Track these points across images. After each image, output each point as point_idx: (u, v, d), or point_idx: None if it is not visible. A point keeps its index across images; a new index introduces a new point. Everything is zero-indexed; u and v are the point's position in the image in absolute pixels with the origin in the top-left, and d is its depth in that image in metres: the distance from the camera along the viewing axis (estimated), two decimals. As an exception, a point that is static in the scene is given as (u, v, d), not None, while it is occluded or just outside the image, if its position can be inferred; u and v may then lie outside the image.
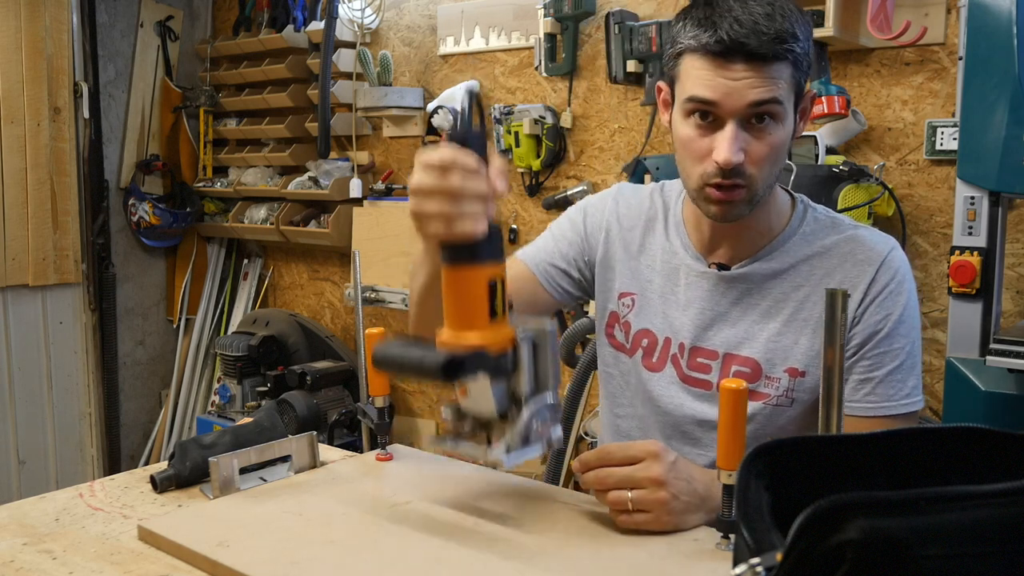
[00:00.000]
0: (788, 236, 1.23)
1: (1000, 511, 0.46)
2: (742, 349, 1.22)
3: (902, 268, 1.19)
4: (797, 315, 1.20)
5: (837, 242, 1.22)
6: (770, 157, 1.13)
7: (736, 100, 1.09)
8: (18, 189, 3.25)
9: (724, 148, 1.10)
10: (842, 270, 1.19)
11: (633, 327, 1.32)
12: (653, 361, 1.29)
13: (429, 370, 0.93)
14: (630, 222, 1.35)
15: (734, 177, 1.12)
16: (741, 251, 1.24)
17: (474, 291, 0.95)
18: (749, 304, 1.23)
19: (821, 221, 1.25)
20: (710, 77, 1.10)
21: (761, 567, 0.48)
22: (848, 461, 0.58)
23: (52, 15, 3.28)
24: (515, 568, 0.90)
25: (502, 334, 0.97)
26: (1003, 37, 1.68)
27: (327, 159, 3.33)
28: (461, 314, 0.96)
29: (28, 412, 3.36)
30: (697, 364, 1.26)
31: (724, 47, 1.08)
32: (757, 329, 1.22)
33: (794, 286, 1.21)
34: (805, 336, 1.19)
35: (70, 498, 1.13)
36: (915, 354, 1.18)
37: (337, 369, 3.23)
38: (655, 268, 1.31)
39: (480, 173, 0.92)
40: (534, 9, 2.74)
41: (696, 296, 1.26)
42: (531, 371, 1.00)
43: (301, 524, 1.01)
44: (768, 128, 1.11)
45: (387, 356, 0.98)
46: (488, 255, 0.96)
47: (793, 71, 1.10)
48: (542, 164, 2.80)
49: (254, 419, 1.25)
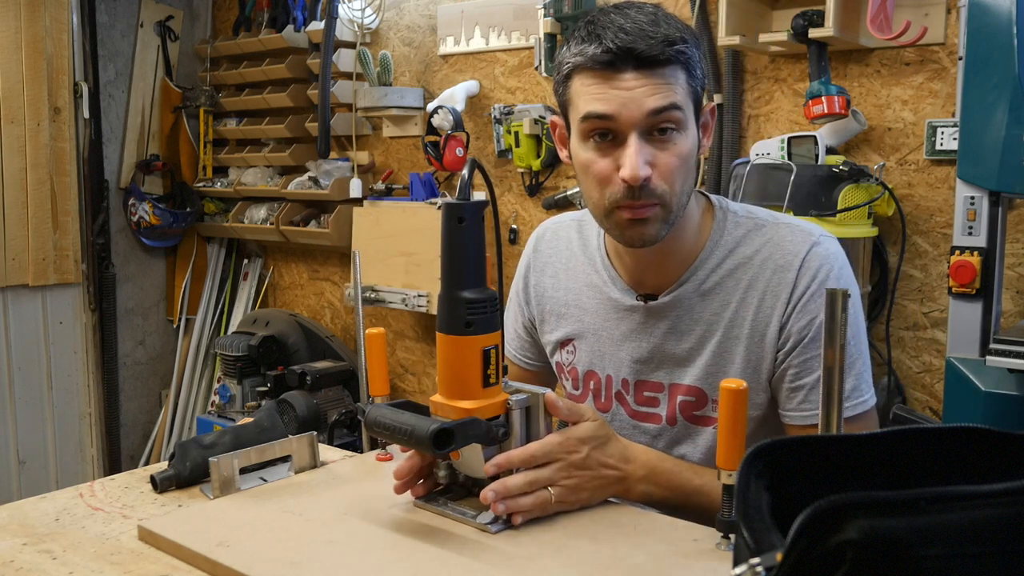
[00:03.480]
0: (710, 251, 1.18)
1: (1000, 511, 0.46)
2: (684, 378, 1.20)
3: (824, 265, 1.13)
4: (730, 333, 1.16)
5: (758, 248, 1.17)
6: (679, 169, 1.08)
7: (633, 110, 1.04)
8: (18, 189, 3.25)
9: (629, 163, 1.05)
10: (763, 278, 1.15)
11: (579, 371, 1.29)
12: (602, 402, 1.28)
13: (419, 440, 0.92)
14: (553, 269, 1.33)
15: (644, 197, 1.07)
16: (667, 276, 1.20)
17: (468, 360, 0.96)
18: (682, 332, 1.19)
19: (742, 225, 1.19)
20: (602, 91, 1.05)
21: (761, 567, 0.48)
22: (848, 461, 0.58)
23: (52, 15, 3.28)
24: (514, 568, 0.90)
25: (495, 401, 0.98)
26: (1003, 37, 1.68)
27: (327, 159, 3.33)
28: (455, 381, 0.97)
29: (28, 412, 3.36)
30: (644, 399, 1.24)
31: (612, 56, 1.04)
32: (695, 355, 1.18)
33: (723, 304, 1.17)
34: (739, 353, 1.16)
35: (70, 498, 1.13)
36: (850, 353, 1.12)
37: (337, 369, 3.23)
38: (586, 308, 1.28)
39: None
40: (534, 9, 2.74)
41: (630, 330, 1.23)
42: (523, 437, 1.01)
43: (301, 524, 1.01)
44: (672, 138, 1.07)
45: (378, 422, 0.98)
46: (484, 327, 0.96)
47: (687, 77, 1.07)
48: (542, 164, 2.80)
49: (254, 419, 1.25)
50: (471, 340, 0.96)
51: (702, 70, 1.11)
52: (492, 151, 2.94)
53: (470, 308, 0.95)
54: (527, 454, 1.00)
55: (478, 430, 0.96)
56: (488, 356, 0.97)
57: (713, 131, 1.18)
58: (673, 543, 0.96)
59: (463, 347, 0.96)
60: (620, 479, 1.06)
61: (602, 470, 1.04)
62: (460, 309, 0.95)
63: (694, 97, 1.10)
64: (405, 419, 0.95)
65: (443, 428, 0.91)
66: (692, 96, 1.09)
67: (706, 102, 1.16)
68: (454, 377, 0.97)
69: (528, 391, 1.02)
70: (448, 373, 0.98)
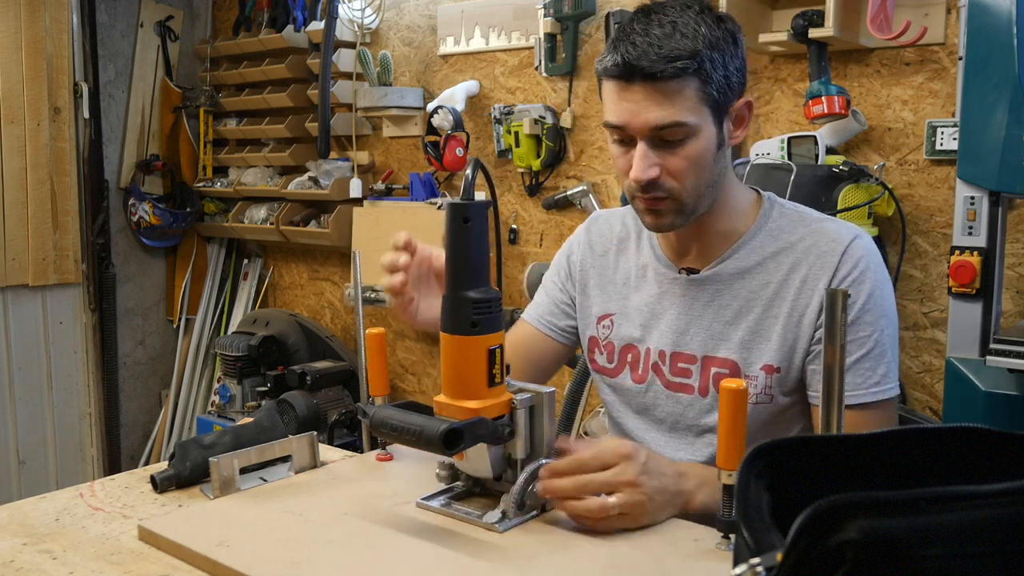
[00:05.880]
0: (754, 233, 1.25)
1: (1000, 511, 0.46)
2: (719, 351, 1.24)
3: (865, 257, 1.19)
4: (768, 312, 1.22)
5: (802, 236, 1.23)
6: (691, 169, 1.15)
7: (639, 122, 1.13)
8: (18, 189, 3.25)
9: (634, 167, 1.15)
10: (807, 262, 1.21)
11: (617, 346, 1.34)
12: (639, 373, 1.32)
13: (429, 440, 0.92)
14: (602, 248, 1.40)
15: (652, 191, 1.16)
16: (709, 254, 1.27)
17: (474, 359, 0.96)
18: (721, 305, 1.25)
19: (788, 216, 1.26)
20: (616, 101, 1.15)
21: (761, 567, 0.48)
22: (848, 461, 0.58)
23: (52, 15, 3.28)
24: (515, 568, 0.90)
25: (500, 400, 0.98)
26: (1003, 37, 1.68)
27: (327, 159, 3.33)
28: (460, 381, 0.97)
29: (28, 412, 3.36)
30: (678, 369, 1.28)
31: (620, 71, 1.12)
32: (731, 329, 1.23)
33: (763, 283, 1.23)
34: (776, 332, 1.21)
35: (70, 498, 1.13)
36: (884, 343, 1.18)
37: (337, 369, 3.23)
38: (630, 284, 1.34)
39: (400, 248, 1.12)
40: (534, 9, 2.74)
41: (670, 303, 1.29)
42: (527, 436, 1.01)
43: (301, 524, 1.01)
44: (681, 143, 1.14)
45: (385, 423, 0.98)
46: (489, 327, 0.97)
47: (701, 85, 1.12)
48: (542, 164, 2.79)
49: (254, 419, 1.25)
50: (477, 340, 0.96)
51: (726, 72, 1.14)
52: (492, 151, 2.94)
53: (476, 308, 0.96)
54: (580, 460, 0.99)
55: (486, 430, 0.96)
56: (493, 355, 0.97)
57: (750, 122, 1.24)
58: (673, 543, 0.96)
59: (469, 347, 0.96)
60: (679, 491, 1.03)
61: (663, 479, 1.01)
62: (466, 309, 0.96)
63: (710, 102, 1.14)
64: (413, 420, 0.95)
65: (453, 428, 0.92)
66: (708, 102, 1.13)
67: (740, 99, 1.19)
68: (459, 377, 0.98)
69: (532, 390, 1.03)
70: (453, 373, 0.98)
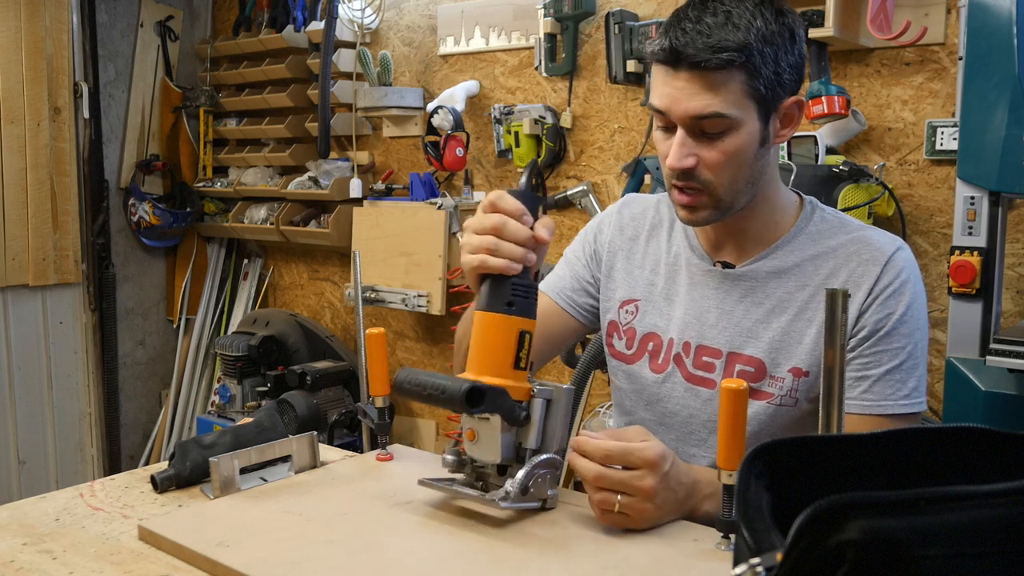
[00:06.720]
0: (794, 235, 1.23)
1: (1000, 511, 0.46)
2: (746, 348, 1.22)
3: (907, 268, 1.19)
4: (802, 314, 1.20)
5: (844, 242, 1.21)
6: (728, 163, 1.13)
7: (679, 109, 1.12)
8: (18, 189, 3.25)
9: (672, 154, 1.14)
10: (847, 269, 1.19)
11: (638, 332, 1.32)
12: (658, 363, 1.29)
13: (451, 395, 0.94)
14: (633, 231, 1.37)
15: (687, 180, 1.15)
16: (746, 250, 1.25)
17: (504, 338, 0.99)
18: (753, 302, 1.23)
19: (829, 221, 1.25)
20: (661, 85, 1.14)
21: (761, 567, 0.48)
22: (848, 461, 0.58)
23: (52, 15, 3.28)
24: (515, 568, 0.90)
25: (522, 385, 1.00)
26: (1003, 37, 1.68)
27: (327, 159, 3.33)
28: (488, 358, 0.99)
29: (28, 412, 3.36)
30: (702, 363, 1.25)
31: (667, 56, 1.11)
32: (761, 328, 1.22)
33: (799, 285, 1.21)
34: (809, 336, 1.19)
35: (70, 498, 1.13)
36: (917, 355, 1.17)
37: (337, 369, 3.23)
38: (659, 271, 1.32)
39: (524, 219, 1.00)
40: (534, 9, 2.74)
41: (700, 294, 1.27)
42: (540, 427, 1.02)
43: (301, 524, 1.01)
44: (720, 136, 1.12)
45: (410, 380, 1.00)
46: (524, 310, 1.00)
47: (747, 78, 1.10)
48: (542, 164, 2.80)
49: (254, 419, 1.25)
50: (511, 320, 0.99)
51: (778, 68, 1.11)
52: (492, 151, 2.94)
53: (514, 289, 0.99)
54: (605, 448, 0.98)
55: (506, 403, 0.98)
56: (523, 339, 1.00)
57: (799, 121, 1.21)
58: (673, 543, 0.96)
59: (502, 325, 0.99)
60: (688, 501, 1.03)
61: (678, 490, 1.01)
62: (504, 288, 0.99)
63: (756, 96, 1.11)
64: (437, 380, 0.97)
65: (476, 387, 0.94)
66: (754, 96, 1.11)
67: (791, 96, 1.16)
68: (487, 355, 0.99)
69: (551, 386, 1.03)
70: (482, 350, 1.00)
